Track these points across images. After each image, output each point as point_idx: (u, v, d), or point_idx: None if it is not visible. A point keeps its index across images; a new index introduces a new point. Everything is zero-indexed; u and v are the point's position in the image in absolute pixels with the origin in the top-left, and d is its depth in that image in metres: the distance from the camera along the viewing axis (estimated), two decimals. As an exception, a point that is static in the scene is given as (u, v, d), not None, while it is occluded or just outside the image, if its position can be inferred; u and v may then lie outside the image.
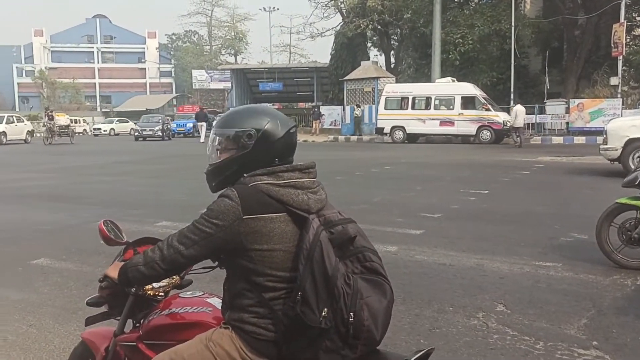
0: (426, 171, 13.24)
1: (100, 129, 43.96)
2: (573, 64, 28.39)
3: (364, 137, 27.55)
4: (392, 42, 39.24)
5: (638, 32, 28.69)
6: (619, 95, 22.71)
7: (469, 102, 23.13)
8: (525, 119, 21.48)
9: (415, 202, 8.59)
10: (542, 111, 24.31)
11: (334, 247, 1.64)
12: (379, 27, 35.91)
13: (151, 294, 2.03)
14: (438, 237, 6.11)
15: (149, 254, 1.75)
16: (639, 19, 28.07)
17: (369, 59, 34.70)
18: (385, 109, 25.02)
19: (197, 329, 1.82)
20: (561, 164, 14.19)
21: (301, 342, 1.63)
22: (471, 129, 22.92)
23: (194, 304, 1.96)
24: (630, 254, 4.85)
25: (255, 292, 1.67)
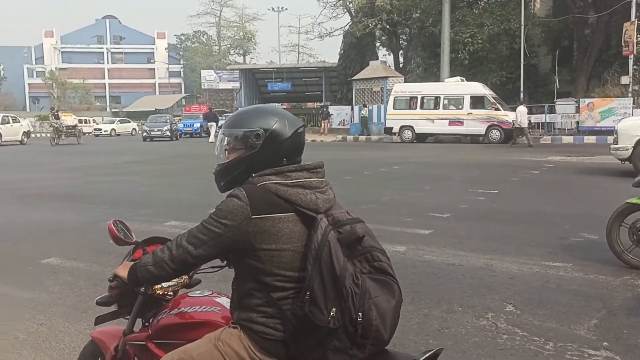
0: (435, 171, 13.20)
1: (101, 130, 43.59)
2: (583, 63, 28.18)
3: (373, 137, 27.51)
4: (401, 42, 39.17)
5: (649, 31, 28.43)
6: (629, 95, 22.49)
7: (478, 102, 23.03)
8: (528, 118, 21.28)
9: (424, 202, 8.57)
10: (552, 111, 24.12)
11: (342, 247, 1.64)
12: (388, 27, 35.84)
13: (160, 293, 2.04)
14: (447, 237, 6.09)
15: (158, 254, 1.75)
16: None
17: (377, 58, 34.62)
18: (393, 108, 24.99)
19: (206, 328, 1.83)
20: (571, 163, 14.09)
21: (309, 342, 1.62)
22: (480, 129, 22.83)
23: (203, 303, 1.96)
24: (641, 254, 4.81)
25: (264, 292, 1.67)
